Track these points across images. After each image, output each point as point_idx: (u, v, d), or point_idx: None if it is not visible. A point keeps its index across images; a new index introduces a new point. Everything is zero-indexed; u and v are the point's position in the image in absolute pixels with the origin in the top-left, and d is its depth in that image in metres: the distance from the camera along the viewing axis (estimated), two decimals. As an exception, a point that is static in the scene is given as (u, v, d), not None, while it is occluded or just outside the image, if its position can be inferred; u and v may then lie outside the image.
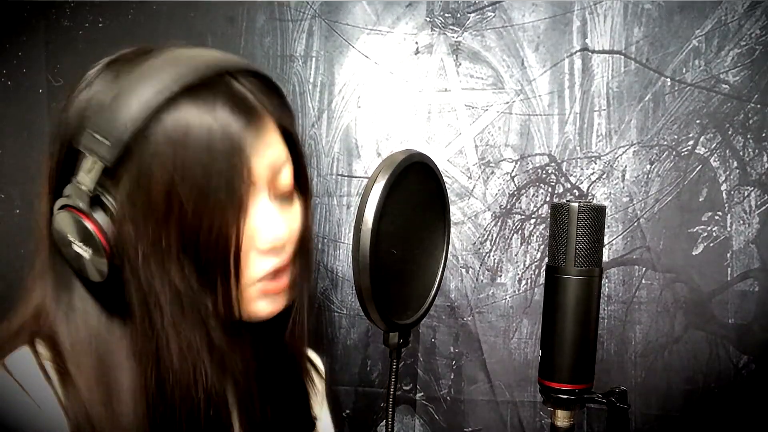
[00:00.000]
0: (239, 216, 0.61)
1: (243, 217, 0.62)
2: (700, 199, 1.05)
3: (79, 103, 0.64)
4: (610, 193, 1.08)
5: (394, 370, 0.82)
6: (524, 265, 1.11)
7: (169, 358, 0.61)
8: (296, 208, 0.71)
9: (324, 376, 0.91)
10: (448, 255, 0.93)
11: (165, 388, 0.62)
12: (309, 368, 0.87)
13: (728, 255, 1.05)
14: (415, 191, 0.79)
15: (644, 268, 1.07)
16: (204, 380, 0.62)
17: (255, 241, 0.64)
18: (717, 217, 1.05)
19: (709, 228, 1.05)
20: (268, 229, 0.65)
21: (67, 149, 0.63)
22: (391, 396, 0.83)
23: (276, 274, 0.68)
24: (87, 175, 0.59)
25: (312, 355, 0.90)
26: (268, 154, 0.65)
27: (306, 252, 0.73)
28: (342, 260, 1.15)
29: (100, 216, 0.59)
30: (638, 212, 1.07)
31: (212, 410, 0.64)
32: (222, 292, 0.62)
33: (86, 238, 0.59)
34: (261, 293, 0.67)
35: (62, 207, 0.61)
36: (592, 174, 1.09)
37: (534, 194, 1.11)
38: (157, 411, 0.62)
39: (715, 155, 1.05)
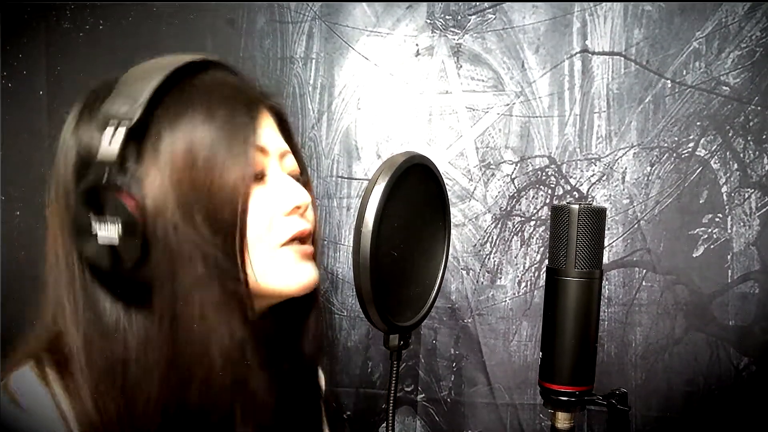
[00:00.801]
0: (251, 178, 0.65)
1: (255, 180, 0.66)
2: (701, 201, 1.05)
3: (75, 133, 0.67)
4: (611, 195, 1.08)
5: (394, 371, 0.82)
6: (524, 267, 1.11)
7: (188, 320, 0.62)
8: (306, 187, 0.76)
9: (323, 388, 0.92)
10: (449, 257, 0.93)
11: (182, 352, 0.62)
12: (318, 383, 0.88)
13: (729, 257, 1.05)
14: (416, 193, 0.79)
15: (645, 270, 1.07)
16: (222, 343, 0.63)
17: (277, 205, 0.68)
18: (717, 219, 1.05)
19: (709, 230, 1.05)
20: (288, 193, 0.69)
21: (78, 156, 0.64)
22: (392, 397, 0.83)
23: (302, 240, 0.71)
24: (110, 146, 0.60)
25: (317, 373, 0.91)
26: (271, 132, 0.72)
27: (315, 235, 0.77)
28: (342, 262, 1.15)
29: (125, 183, 0.61)
30: (638, 214, 1.07)
31: (230, 376, 0.64)
32: (235, 252, 0.64)
33: (117, 213, 0.60)
34: (294, 254, 0.69)
35: (87, 190, 0.61)
36: (592, 176, 1.09)
37: (534, 196, 1.11)
38: (170, 382, 0.62)
39: (716, 157, 1.05)
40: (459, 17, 1.11)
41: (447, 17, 1.11)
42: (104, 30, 1.16)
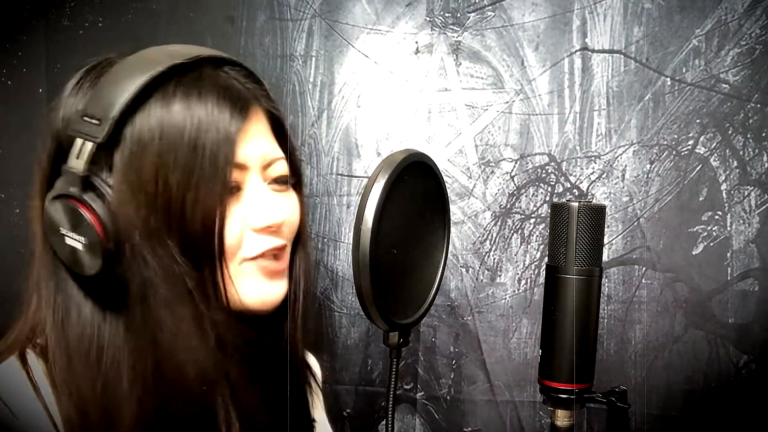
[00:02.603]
0: (224, 197, 0.62)
1: (229, 197, 0.63)
2: (700, 199, 1.05)
3: (67, 100, 0.65)
4: (610, 192, 1.08)
5: (394, 369, 0.82)
6: (524, 264, 1.11)
7: (163, 340, 0.61)
8: (292, 195, 0.73)
9: (319, 379, 0.91)
10: (448, 254, 0.93)
11: (161, 372, 0.62)
12: (308, 376, 0.87)
13: (728, 254, 1.05)
14: (415, 191, 0.79)
15: (644, 268, 1.07)
16: (196, 362, 0.62)
17: (250, 221, 0.66)
18: (717, 217, 1.05)
19: (709, 227, 1.05)
20: (262, 210, 0.66)
21: (57, 145, 0.63)
22: (392, 395, 0.83)
23: (275, 255, 0.69)
24: (77, 159, 0.59)
25: (309, 359, 0.90)
26: (258, 141, 0.67)
27: (303, 244, 0.75)
28: (342, 260, 1.15)
29: (93, 201, 0.60)
30: (638, 212, 1.07)
31: (204, 392, 0.64)
32: (209, 271, 0.63)
33: (79, 224, 0.59)
34: (260, 271, 0.67)
35: (54, 198, 0.61)
36: (591, 173, 1.09)
37: (534, 194, 1.11)
38: (150, 398, 0.62)
39: (715, 155, 1.05)
40: (458, 15, 1.11)
41: (446, 15, 1.11)
42: (104, 27, 1.16)
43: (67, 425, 0.61)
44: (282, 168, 0.71)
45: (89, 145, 0.59)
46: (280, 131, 0.73)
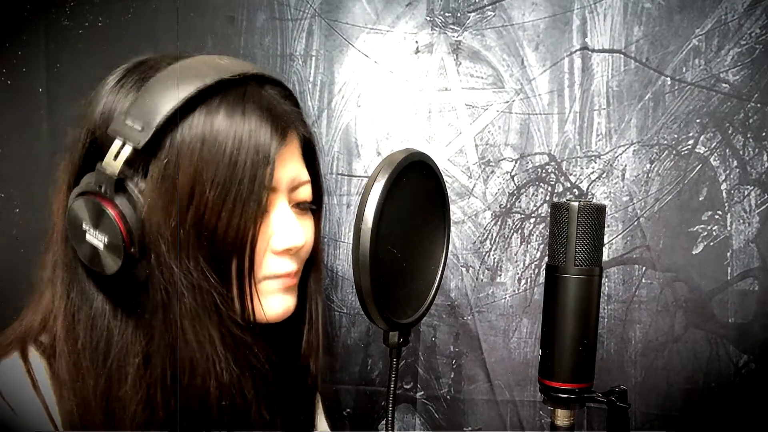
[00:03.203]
0: (257, 217, 0.63)
1: (261, 218, 0.64)
2: (700, 199, 1.05)
3: (107, 97, 0.64)
4: (610, 192, 1.08)
5: (394, 369, 0.82)
6: (524, 264, 1.11)
7: (184, 349, 0.62)
8: (311, 219, 0.73)
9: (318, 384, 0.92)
10: (448, 254, 0.93)
11: (180, 380, 0.62)
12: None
13: (728, 254, 1.05)
14: (416, 190, 0.79)
15: (644, 268, 1.08)
16: (218, 373, 0.63)
17: (271, 243, 0.67)
18: (717, 217, 1.05)
19: (709, 227, 1.05)
20: (285, 233, 0.67)
21: (92, 140, 0.63)
22: (392, 395, 0.83)
23: (293, 274, 0.71)
24: (114, 160, 0.59)
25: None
26: (290, 164, 0.68)
27: (317, 262, 0.76)
28: (342, 259, 1.15)
29: (122, 204, 0.59)
30: (638, 211, 1.07)
31: (226, 401, 0.64)
32: (237, 287, 0.63)
33: (103, 224, 0.59)
34: (278, 287, 0.69)
35: (81, 194, 0.61)
36: (591, 173, 1.09)
37: (534, 193, 1.11)
38: (167, 406, 0.62)
39: (715, 154, 1.05)
40: (458, 14, 1.11)
41: (446, 14, 1.11)
42: (104, 26, 1.16)
43: (67, 423, 0.61)
44: (306, 192, 0.72)
45: (128, 149, 0.59)
46: (311, 156, 0.74)
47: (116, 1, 1.16)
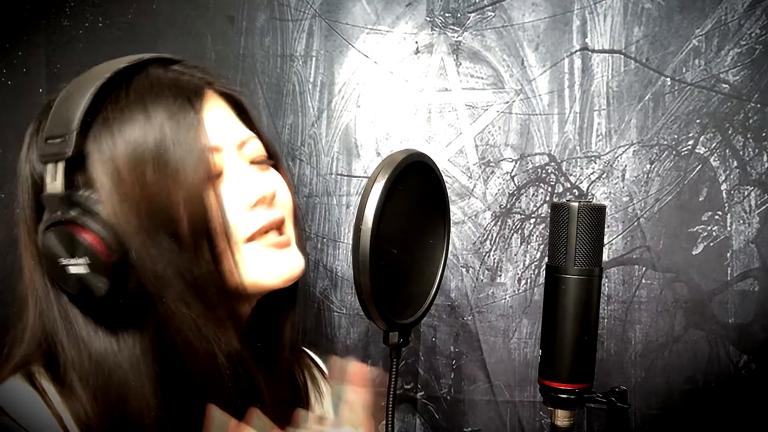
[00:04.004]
0: (206, 179, 0.63)
1: (212, 180, 0.63)
2: (700, 199, 1.05)
3: (30, 147, 0.67)
4: (610, 192, 1.08)
5: (394, 369, 0.82)
6: (524, 264, 1.11)
7: (185, 336, 0.61)
8: (276, 174, 0.73)
9: (326, 372, 0.92)
10: (449, 254, 0.92)
11: (185, 367, 0.62)
12: (311, 366, 0.87)
13: (728, 254, 1.05)
14: (416, 191, 0.79)
15: (644, 268, 1.07)
16: (223, 347, 0.63)
17: (239, 200, 0.66)
18: (717, 217, 1.05)
19: (709, 227, 1.05)
20: (248, 185, 0.67)
21: (33, 185, 0.64)
22: (392, 395, 0.83)
23: (278, 228, 0.69)
24: (54, 182, 0.59)
25: (313, 356, 0.91)
26: (222, 123, 0.68)
27: (296, 218, 0.75)
28: (342, 260, 1.15)
29: (83, 217, 0.59)
30: (638, 212, 1.07)
31: (240, 368, 0.64)
32: (213, 257, 0.63)
33: (78, 247, 0.59)
34: (267, 246, 0.68)
35: (46, 229, 0.60)
36: (591, 173, 1.09)
37: (534, 194, 1.11)
38: (176, 396, 0.62)
39: (715, 155, 1.05)
40: (458, 15, 1.11)
41: (446, 15, 1.11)
42: (104, 27, 1.16)
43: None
44: (256, 147, 0.71)
45: (61, 165, 0.59)
46: (244, 113, 0.73)
47: (116, 1, 1.16)
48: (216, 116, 0.68)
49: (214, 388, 0.63)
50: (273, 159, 0.75)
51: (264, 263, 0.68)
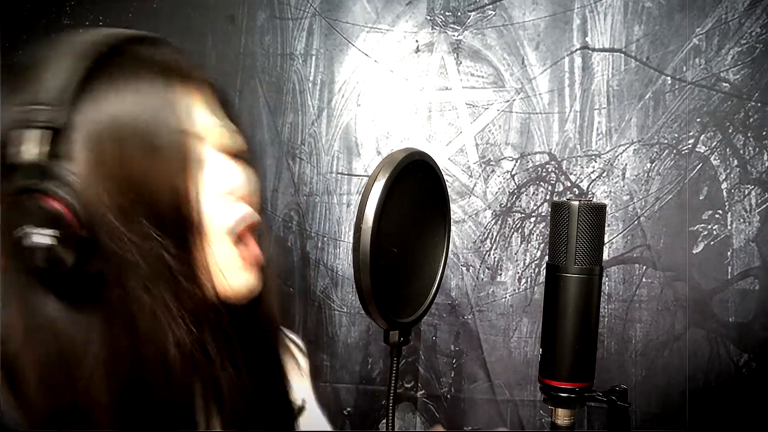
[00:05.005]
0: (184, 165, 0.62)
1: (192, 167, 0.63)
2: (701, 198, 1.05)
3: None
4: (611, 191, 1.08)
5: (394, 368, 0.82)
6: (524, 263, 1.11)
7: (143, 318, 0.60)
8: (249, 169, 0.72)
9: (305, 351, 0.90)
10: (449, 253, 0.92)
11: (139, 350, 0.61)
12: (288, 344, 0.86)
13: (729, 253, 1.05)
14: (416, 190, 0.79)
15: (645, 267, 1.07)
16: (175, 335, 0.62)
17: (216, 188, 0.65)
18: (717, 216, 1.05)
19: (709, 226, 1.05)
20: (226, 175, 0.66)
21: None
22: (392, 394, 0.83)
23: (247, 243, 0.68)
24: (35, 148, 0.57)
25: (290, 335, 0.89)
26: (203, 111, 0.67)
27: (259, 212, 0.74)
28: (342, 259, 1.15)
29: (57, 187, 0.58)
30: (638, 210, 1.07)
31: (198, 365, 0.63)
32: (184, 245, 0.62)
33: (46, 221, 0.57)
34: (240, 260, 0.66)
35: (12, 194, 0.58)
36: (592, 172, 1.09)
37: (534, 192, 1.11)
38: (125, 383, 0.61)
39: (716, 153, 1.05)
40: (459, 14, 1.11)
41: (447, 14, 1.11)
42: (104, 26, 1.16)
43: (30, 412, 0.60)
44: (235, 141, 0.70)
45: (45, 132, 0.57)
46: (224, 102, 0.73)
47: (116, 1, 1.16)
48: (197, 103, 0.67)
49: (161, 384, 0.62)
50: (247, 151, 0.74)
51: (229, 272, 0.66)
